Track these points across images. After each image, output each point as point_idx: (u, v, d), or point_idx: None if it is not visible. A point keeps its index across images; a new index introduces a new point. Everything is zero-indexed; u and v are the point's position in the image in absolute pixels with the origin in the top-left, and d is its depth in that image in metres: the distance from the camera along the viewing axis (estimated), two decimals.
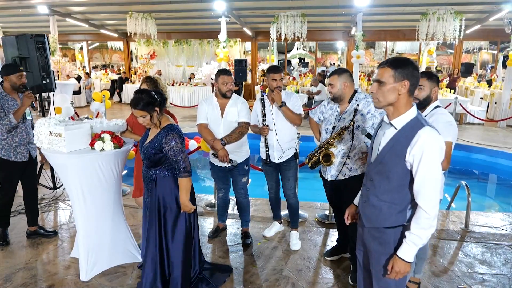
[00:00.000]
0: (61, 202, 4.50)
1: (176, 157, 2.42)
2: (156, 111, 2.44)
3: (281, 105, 3.23)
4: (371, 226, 1.86)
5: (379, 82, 1.74)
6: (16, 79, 3.32)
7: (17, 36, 3.98)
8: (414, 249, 1.69)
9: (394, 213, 1.77)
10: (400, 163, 1.70)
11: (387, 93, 1.72)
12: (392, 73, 1.71)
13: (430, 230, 1.68)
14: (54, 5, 10.81)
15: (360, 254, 2.01)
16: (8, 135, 3.30)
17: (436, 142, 1.64)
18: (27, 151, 3.45)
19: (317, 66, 17.81)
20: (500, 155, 7.18)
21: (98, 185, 2.92)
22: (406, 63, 1.71)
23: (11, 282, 2.90)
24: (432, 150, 1.63)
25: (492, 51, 18.42)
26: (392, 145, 1.74)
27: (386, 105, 1.75)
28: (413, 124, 1.70)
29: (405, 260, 1.70)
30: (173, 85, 13.74)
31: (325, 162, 2.82)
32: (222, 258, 3.27)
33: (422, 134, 1.64)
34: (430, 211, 1.65)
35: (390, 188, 1.76)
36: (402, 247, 1.72)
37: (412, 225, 1.70)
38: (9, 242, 3.48)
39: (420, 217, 1.67)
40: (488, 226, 3.94)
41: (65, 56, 15.95)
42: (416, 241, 1.68)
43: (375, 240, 1.84)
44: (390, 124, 1.76)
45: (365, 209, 1.89)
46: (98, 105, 5.67)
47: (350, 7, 10.00)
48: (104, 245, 3.05)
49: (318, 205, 4.46)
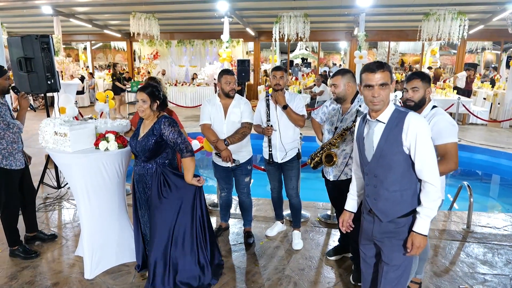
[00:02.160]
0: (65, 201, 4.53)
1: (176, 139, 2.54)
2: (157, 103, 2.59)
3: (284, 107, 3.25)
4: (389, 219, 1.94)
5: (384, 85, 1.84)
6: (4, 82, 3.16)
7: (22, 37, 4.01)
8: (428, 221, 1.84)
9: (409, 199, 1.89)
10: (399, 150, 1.84)
11: (388, 94, 1.86)
12: (389, 76, 1.86)
13: (438, 200, 1.83)
14: (58, 5, 10.87)
15: (366, 248, 2.11)
16: (7, 142, 3.13)
17: (423, 122, 1.83)
18: (23, 157, 3.32)
19: (320, 67, 17.80)
20: (503, 155, 7.15)
21: (103, 184, 2.95)
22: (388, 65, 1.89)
23: (17, 280, 2.94)
24: (423, 130, 1.79)
25: (495, 51, 18.35)
26: (386, 137, 1.87)
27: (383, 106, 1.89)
28: (397, 114, 1.86)
29: (422, 234, 1.84)
30: (176, 85, 13.78)
31: (327, 163, 2.84)
32: (224, 257, 3.29)
33: (411, 119, 1.81)
34: (436, 182, 1.80)
35: (396, 177, 1.88)
36: (417, 222, 1.85)
37: (423, 200, 1.84)
38: (39, 253, 3.30)
39: (428, 191, 1.82)
40: (490, 226, 3.94)
41: (69, 56, 16.04)
42: (429, 213, 1.82)
43: (388, 230, 1.94)
44: (377, 121, 1.90)
45: (379, 205, 1.96)
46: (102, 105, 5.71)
47: (353, 7, 10.00)
48: (108, 243, 3.08)
49: (320, 205, 4.47)
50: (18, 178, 3.29)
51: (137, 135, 2.68)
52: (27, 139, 7.98)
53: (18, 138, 3.24)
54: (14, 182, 3.24)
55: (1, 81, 3.16)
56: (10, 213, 3.24)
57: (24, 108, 3.32)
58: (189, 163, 2.58)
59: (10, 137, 3.14)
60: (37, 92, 4.21)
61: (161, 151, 2.60)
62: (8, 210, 3.23)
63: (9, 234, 3.27)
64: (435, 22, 10.25)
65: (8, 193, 3.19)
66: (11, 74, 4.19)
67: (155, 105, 2.58)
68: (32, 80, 4.07)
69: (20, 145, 3.26)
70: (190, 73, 15.59)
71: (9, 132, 3.13)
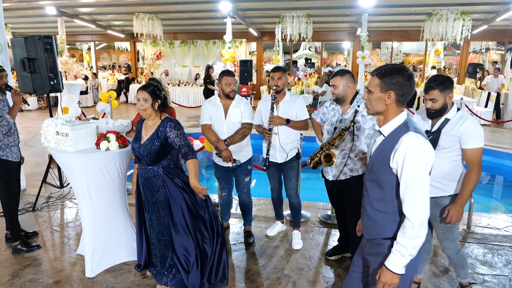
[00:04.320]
0: (67, 201, 4.58)
1: (181, 142, 2.55)
2: (158, 102, 2.59)
3: (287, 121, 3.27)
4: (369, 237, 1.81)
5: (368, 90, 1.73)
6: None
7: (25, 38, 4.06)
8: (401, 260, 1.61)
9: (388, 223, 1.71)
10: (388, 170, 1.65)
11: (374, 102, 1.70)
12: (378, 83, 1.67)
13: (416, 240, 1.58)
14: (62, 6, 10.96)
15: (358, 261, 1.95)
16: (4, 136, 3.23)
17: (419, 146, 1.58)
18: (19, 152, 3.41)
19: (323, 67, 17.79)
20: (506, 156, 7.12)
21: (104, 184, 2.98)
22: (393, 73, 1.65)
23: (19, 278, 2.98)
24: (415, 154, 1.56)
25: (500, 51, 18.26)
26: (379, 152, 1.71)
27: (375, 113, 1.74)
28: (399, 130, 1.66)
29: (392, 271, 1.62)
30: (179, 85, 13.84)
31: (326, 163, 2.85)
32: None
33: (404, 139, 1.59)
34: (414, 219, 1.56)
35: (382, 197, 1.71)
36: (389, 257, 1.65)
37: (399, 234, 1.63)
38: (40, 246, 3.43)
39: (405, 226, 1.60)
40: (491, 227, 3.94)
41: (73, 56, 16.13)
42: (403, 251, 1.60)
43: (374, 252, 1.79)
44: (379, 132, 1.74)
45: (363, 219, 1.85)
46: (104, 105, 5.75)
47: (356, 7, 10.00)
48: (110, 242, 3.11)
49: (320, 205, 4.49)
50: (14, 171, 3.37)
51: (139, 138, 2.64)
52: (31, 138, 8.05)
53: (13, 132, 3.29)
54: (12, 174, 3.34)
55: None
56: (12, 206, 3.34)
57: (17, 104, 3.33)
58: (193, 165, 2.56)
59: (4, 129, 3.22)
60: (40, 93, 4.25)
61: (167, 153, 2.59)
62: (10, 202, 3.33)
63: (11, 228, 3.36)
64: (438, 22, 10.22)
65: (7, 183, 3.31)
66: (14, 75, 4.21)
67: (156, 104, 2.57)
68: (35, 81, 4.12)
69: (16, 139, 3.34)
70: (193, 73, 15.65)
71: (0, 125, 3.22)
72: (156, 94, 2.57)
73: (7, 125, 3.20)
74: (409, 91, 1.66)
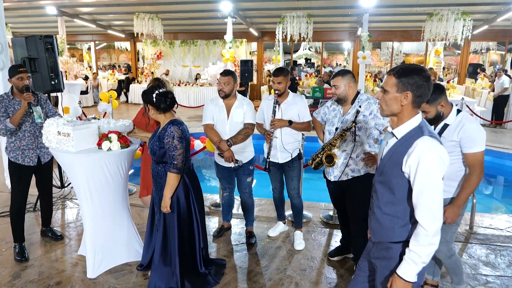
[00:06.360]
0: (68, 201, 4.56)
1: (170, 152, 2.53)
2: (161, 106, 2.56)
3: (290, 123, 3.27)
4: (376, 240, 1.78)
5: (383, 90, 1.67)
6: (17, 82, 3.17)
7: (26, 37, 4.05)
8: (414, 268, 1.57)
9: (396, 227, 1.68)
10: (399, 174, 1.61)
11: (390, 102, 1.65)
12: (396, 82, 1.62)
13: (430, 248, 1.55)
14: (63, 6, 10.95)
15: (364, 265, 1.91)
16: (16, 138, 3.20)
17: (434, 151, 1.53)
18: (36, 156, 3.30)
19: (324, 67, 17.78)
20: (507, 156, 7.11)
21: (105, 184, 2.97)
22: (412, 73, 1.60)
23: (20, 279, 2.97)
24: (429, 160, 1.52)
25: (500, 51, 18.25)
26: (391, 155, 1.67)
27: (390, 114, 1.68)
28: (413, 133, 1.61)
29: (405, 279, 1.59)
30: (179, 85, 13.81)
31: (327, 163, 2.84)
32: (226, 257, 3.30)
33: (419, 143, 1.55)
34: (428, 226, 1.53)
35: (392, 200, 1.68)
36: (401, 265, 1.61)
37: (411, 242, 1.59)
38: (28, 258, 3.24)
39: (418, 233, 1.56)
40: (493, 228, 3.92)
41: (73, 56, 16.12)
42: (416, 259, 1.56)
43: (381, 256, 1.75)
44: (392, 134, 1.69)
45: (371, 221, 1.82)
46: (105, 105, 5.73)
47: (356, 7, 9.98)
48: (111, 243, 3.10)
49: (322, 206, 4.47)
50: (27, 175, 3.32)
51: (154, 135, 2.70)
52: None
53: (29, 136, 3.25)
54: (21, 177, 3.28)
55: (15, 81, 3.18)
56: (14, 207, 3.30)
57: (22, 108, 3.16)
58: (173, 179, 2.55)
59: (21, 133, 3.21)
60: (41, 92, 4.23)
61: (165, 157, 2.60)
62: (13, 204, 3.29)
63: (12, 229, 3.33)
64: (438, 22, 10.21)
65: (14, 184, 3.29)
66: None
67: (150, 109, 2.60)
68: (36, 80, 4.10)
69: (30, 143, 3.26)
70: (193, 73, 15.64)
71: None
72: (153, 102, 2.55)
73: (3, 129, 3.12)
74: (426, 93, 1.61)
